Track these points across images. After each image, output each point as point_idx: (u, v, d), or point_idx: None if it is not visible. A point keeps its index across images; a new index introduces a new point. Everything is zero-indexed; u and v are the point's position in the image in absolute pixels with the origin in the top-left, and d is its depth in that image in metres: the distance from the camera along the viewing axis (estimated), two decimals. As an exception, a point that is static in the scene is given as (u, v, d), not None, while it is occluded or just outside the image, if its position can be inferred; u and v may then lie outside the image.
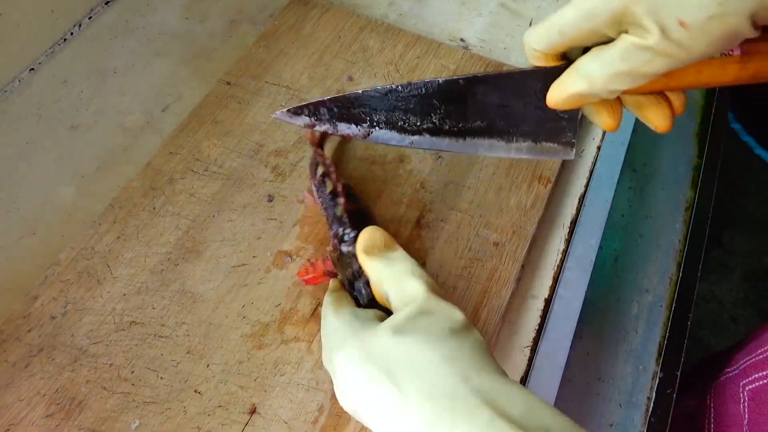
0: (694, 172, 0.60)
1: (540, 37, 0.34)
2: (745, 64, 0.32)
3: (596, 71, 0.32)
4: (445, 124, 0.41)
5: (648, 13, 0.29)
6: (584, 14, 0.31)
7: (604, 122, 0.37)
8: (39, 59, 0.59)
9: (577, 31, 0.32)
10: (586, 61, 0.33)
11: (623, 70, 0.31)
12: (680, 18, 0.28)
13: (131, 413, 0.40)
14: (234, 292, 0.45)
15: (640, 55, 0.30)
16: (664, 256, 0.55)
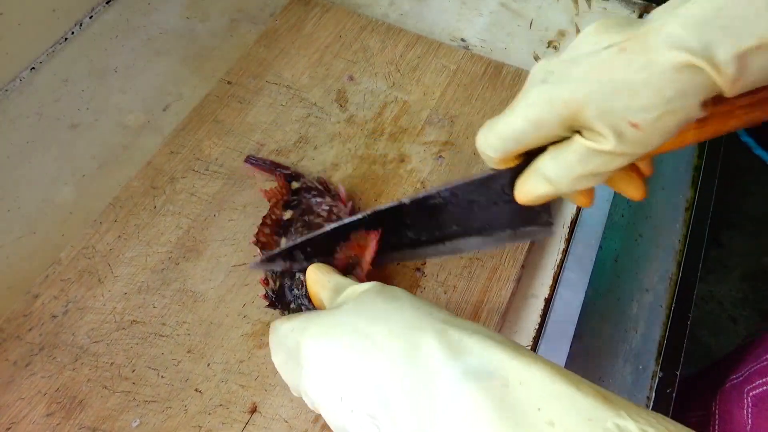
0: (694, 173, 0.60)
1: (495, 146, 0.34)
2: (702, 128, 0.32)
3: (557, 175, 0.32)
4: (423, 236, 0.42)
5: (598, 118, 0.29)
6: (533, 123, 0.31)
7: (578, 201, 0.37)
8: (40, 58, 0.59)
9: (530, 137, 0.32)
10: (545, 164, 0.33)
11: (584, 173, 0.31)
12: (631, 120, 0.28)
13: (132, 412, 0.40)
14: (234, 292, 0.45)
15: (598, 157, 0.30)
16: (664, 256, 0.55)
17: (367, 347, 0.29)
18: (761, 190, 1.59)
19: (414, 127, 0.54)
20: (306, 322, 0.33)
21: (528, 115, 0.31)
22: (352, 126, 0.54)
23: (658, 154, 0.34)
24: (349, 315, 0.32)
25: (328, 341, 0.31)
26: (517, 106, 0.32)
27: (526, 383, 0.25)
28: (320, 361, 0.31)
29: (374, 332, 0.30)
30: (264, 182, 0.50)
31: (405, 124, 0.54)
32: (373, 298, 0.33)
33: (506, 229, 0.41)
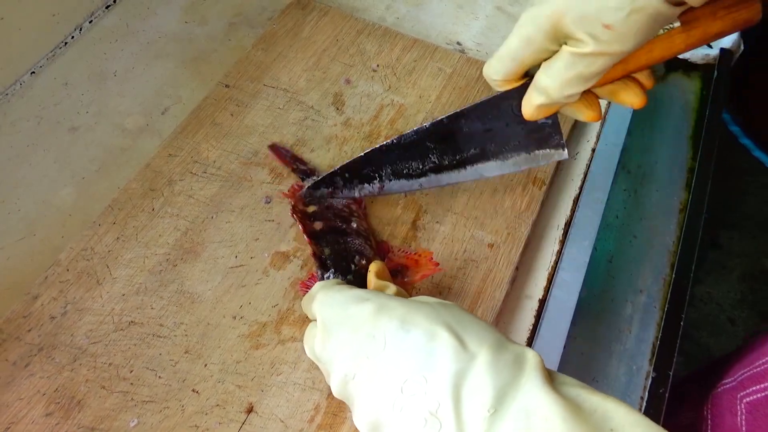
0: (688, 174, 0.60)
1: (496, 68, 0.39)
2: (689, 32, 0.35)
3: (549, 83, 0.37)
4: (444, 160, 0.46)
5: (574, 25, 0.33)
6: (525, 40, 0.36)
7: (585, 116, 0.40)
8: (40, 62, 0.60)
9: (524, 54, 0.37)
10: (540, 75, 0.37)
11: (570, 77, 0.35)
12: (603, 21, 0.32)
13: (130, 412, 0.40)
14: (232, 293, 0.46)
15: (581, 60, 0.34)
16: (658, 257, 0.56)
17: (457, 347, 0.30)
18: (759, 191, 1.59)
19: (410, 129, 0.54)
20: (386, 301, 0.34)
21: (519, 34, 0.36)
22: (348, 129, 0.55)
23: (653, 63, 0.37)
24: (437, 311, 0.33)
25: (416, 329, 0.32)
26: (513, 30, 0.37)
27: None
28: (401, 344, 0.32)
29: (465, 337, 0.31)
30: (261, 185, 0.51)
31: (401, 127, 0.55)
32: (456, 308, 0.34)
33: (521, 152, 0.44)
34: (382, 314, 0.32)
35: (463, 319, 0.32)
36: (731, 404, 0.55)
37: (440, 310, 0.32)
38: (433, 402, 0.28)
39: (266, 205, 0.50)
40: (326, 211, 0.48)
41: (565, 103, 0.38)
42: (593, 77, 0.35)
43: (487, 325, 0.32)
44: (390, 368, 0.30)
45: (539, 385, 0.27)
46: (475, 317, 0.33)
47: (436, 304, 0.33)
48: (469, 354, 0.29)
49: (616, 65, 0.36)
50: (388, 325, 0.31)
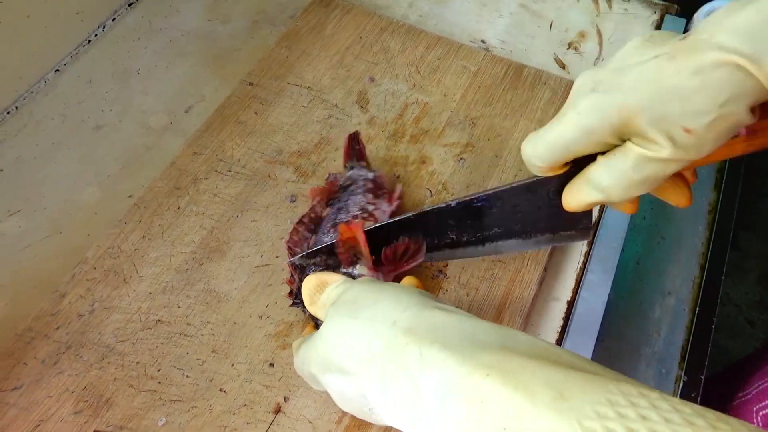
0: (717, 175, 0.59)
1: (543, 156, 0.35)
2: (752, 141, 0.33)
3: (610, 183, 0.33)
4: (464, 237, 0.43)
5: (651, 125, 0.29)
6: (585, 131, 0.32)
7: (625, 210, 0.38)
8: (64, 60, 0.60)
9: (580, 146, 0.33)
10: (598, 172, 0.33)
11: (637, 180, 0.31)
12: (684, 126, 0.28)
13: (158, 411, 0.40)
14: (258, 292, 0.45)
15: (652, 165, 0.30)
16: (686, 259, 0.55)
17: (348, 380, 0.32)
18: (778, 192, 1.57)
19: (435, 128, 0.54)
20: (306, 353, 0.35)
21: (580, 123, 0.32)
22: (373, 127, 0.54)
23: (707, 163, 0.34)
24: (322, 345, 0.34)
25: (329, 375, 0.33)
26: (567, 115, 0.32)
27: (486, 401, 0.25)
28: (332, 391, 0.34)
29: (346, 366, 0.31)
30: (285, 183, 0.51)
31: (426, 126, 0.54)
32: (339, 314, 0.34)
33: (546, 233, 0.42)
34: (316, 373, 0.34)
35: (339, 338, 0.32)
36: (748, 417, 0.55)
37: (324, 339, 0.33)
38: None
39: (291, 203, 0.50)
40: (335, 215, 0.45)
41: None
42: (660, 182, 0.32)
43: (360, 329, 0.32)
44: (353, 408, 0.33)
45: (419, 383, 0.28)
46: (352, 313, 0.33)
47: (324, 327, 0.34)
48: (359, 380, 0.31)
49: None
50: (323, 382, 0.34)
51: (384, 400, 0.29)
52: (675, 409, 0.22)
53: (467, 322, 0.30)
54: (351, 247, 0.41)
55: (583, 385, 0.24)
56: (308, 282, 0.38)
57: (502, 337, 0.28)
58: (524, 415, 0.24)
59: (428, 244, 0.43)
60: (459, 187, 0.51)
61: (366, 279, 0.36)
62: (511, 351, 0.27)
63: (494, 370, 0.25)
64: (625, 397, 0.23)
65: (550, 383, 0.24)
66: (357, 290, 0.34)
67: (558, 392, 0.23)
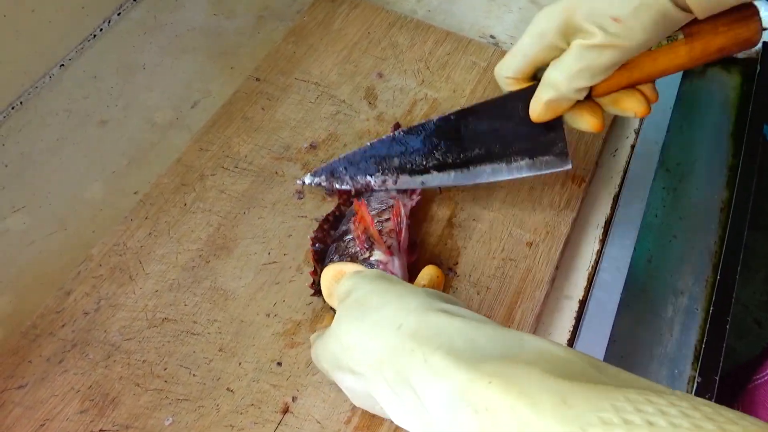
0: (729, 173, 0.58)
1: (508, 65, 0.41)
2: (692, 44, 0.37)
3: (558, 76, 0.38)
4: (449, 158, 0.46)
5: (585, 18, 0.35)
6: (537, 35, 0.38)
7: (588, 123, 0.41)
8: (69, 55, 0.60)
9: (535, 50, 0.38)
10: (549, 71, 0.39)
11: (579, 68, 0.37)
12: (612, 15, 0.34)
13: (164, 410, 0.40)
14: (265, 290, 0.45)
15: (590, 52, 0.36)
16: (699, 258, 0.54)
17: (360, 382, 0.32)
18: (787, 190, 1.55)
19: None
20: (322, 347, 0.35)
21: (533, 30, 0.38)
22: (381, 123, 0.53)
23: (657, 75, 0.38)
24: (332, 344, 0.34)
25: (339, 372, 0.34)
26: (527, 29, 0.39)
27: (492, 409, 0.25)
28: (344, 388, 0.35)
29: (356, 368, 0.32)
30: (293, 180, 0.50)
31: (435, 122, 0.53)
32: (348, 312, 0.34)
33: (524, 157, 0.44)
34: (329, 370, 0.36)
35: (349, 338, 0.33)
36: (763, 399, 0.54)
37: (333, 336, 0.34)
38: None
39: (299, 200, 0.49)
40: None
41: (573, 98, 0.39)
42: (601, 71, 0.36)
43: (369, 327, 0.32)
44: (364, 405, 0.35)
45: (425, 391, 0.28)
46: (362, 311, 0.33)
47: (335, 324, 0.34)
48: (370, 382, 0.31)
49: (620, 72, 0.37)
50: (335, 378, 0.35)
51: (393, 404, 0.30)
52: (684, 414, 0.21)
53: (471, 327, 0.29)
54: (364, 229, 0.43)
55: (587, 393, 0.23)
56: (326, 273, 0.39)
57: (506, 341, 0.28)
58: (529, 424, 0.23)
59: (415, 167, 0.46)
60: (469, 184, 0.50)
61: (376, 275, 0.36)
62: (514, 358, 0.27)
63: (496, 378, 0.25)
64: (631, 403, 0.22)
65: (552, 390, 0.24)
66: (365, 290, 0.34)
67: (561, 399, 0.23)
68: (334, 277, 0.38)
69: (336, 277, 0.38)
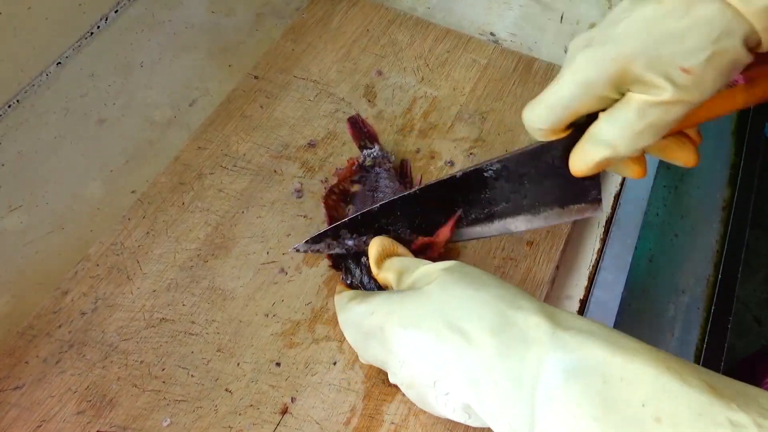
0: (731, 171, 0.58)
1: (543, 117, 0.34)
2: (752, 90, 0.33)
3: (616, 136, 0.32)
4: (471, 215, 0.42)
5: (648, 69, 0.29)
6: (583, 86, 0.32)
7: (632, 172, 0.37)
8: (66, 53, 0.59)
9: (579, 102, 0.32)
10: (603, 128, 0.33)
11: (643, 128, 0.31)
12: (681, 65, 0.29)
13: (162, 411, 0.39)
14: (264, 290, 0.44)
15: (656, 109, 0.30)
16: (700, 257, 0.54)
17: (461, 343, 0.30)
18: (788, 188, 1.55)
19: (444, 123, 0.53)
20: (388, 307, 0.34)
21: (576, 79, 0.32)
22: (381, 122, 0.53)
23: (709, 119, 0.35)
24: (436, 303, 0.32)
25: (419, 333, 0.32)
26: (564, 73, 0.32)
27: (628, 379, 0.25)
28: (412, 350, 0.32)
29: (467, 327, 0.31)
30: (292, 179, 0.50)
31: (435, 120, 0.53)
32: (458, 281, 0.33)
33: (555, 207, 0.41)
34: (387, 328, 0.34)
35: (462, 301, 0.32)
36: None
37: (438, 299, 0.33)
38: (459, 398, 0.31)
39: (297, 199, 0.49)
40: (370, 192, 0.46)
41: (630, 157, 0.34)
42: (667, 128, 0.31)
43: (487, 298, 0.32)
44: (415, 377, 0.33)
45: (545, 357, 0.28)
46: (474, 283, 0.33)
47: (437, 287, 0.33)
48: (474, 346, 0.30)
49: None
50: (396, 339, 0.33)
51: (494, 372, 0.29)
52: None
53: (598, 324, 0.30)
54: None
55: (732, 384, 0.24)
56: (379, 243, 0.38)
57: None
58: (672, 393, 0.24)
59: (435, 225, 0.42)
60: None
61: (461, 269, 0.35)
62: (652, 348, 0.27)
63: (639, 355, 0.26)
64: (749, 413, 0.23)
65: (698, 373, 0.24)
66: (465, 270, 0.34)
67: (708, 384, 0.24)
68: (385, 253, 0.38)
69: (388, 253, 0.38)
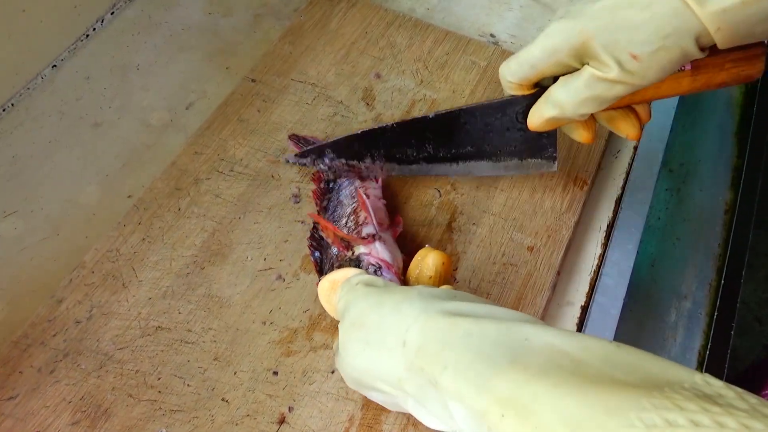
0: (733, 173, 0.58)
1: (514, 70, 0.39)
2: (696, 77, 0.37)
3: (565, 99, 0.37)
4: (439, 152, 0.46)
5: (603, 48, 0.34)
6: (549, 50, 0.36)
7: (580, 136, 0.41)
8: (61, 55, 0.58)
9: (544, 64, 0.37)
10: (556, 89, 0.38)
11: (588, 96, 0.36)
12: (632, 52, 0.33)
13: (158, 421, 0.39)
14: (261, 297, 0.44)
15: (602, 84, 0.35)
16: (703, 261, 0.53)
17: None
18: (790, 187, 1.54)
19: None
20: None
21: (545, 44, 0.36)
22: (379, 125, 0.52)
23: (656, 99, 0.39)
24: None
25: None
26: (538, 37, 0.37)
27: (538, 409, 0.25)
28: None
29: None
30: (289, 184, 0.49)
31: (434, 124, 0.52)
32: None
33: (514, 158, 0.45)
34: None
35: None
36: None
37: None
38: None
39: (295, 204, 0.48)
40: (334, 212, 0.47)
41: (574, 120, 0.39)
42: (608, 102, 0.36)
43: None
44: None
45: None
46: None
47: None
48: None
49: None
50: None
51: (424, 415, 0.31)
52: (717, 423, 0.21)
53: (473, 330, 0.29)
54: (334, 235, 0.44)
55: (601, 419, 0.23)
56: (322, 288, 0.39)
57: (512, 343, 0.28)
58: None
59: (404, 157, 0.47)
60: (468, 187, 0.49)
61: (365, 287, 0.35)
62: (523, 370, 0.26)
63: (509, 409, 0.25)
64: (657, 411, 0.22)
65: (568, 420, 0.23)
66: (360, 308, 0.34)
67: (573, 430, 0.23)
68: (331, 289, 0.37)
69: (333, 288, 0.37)
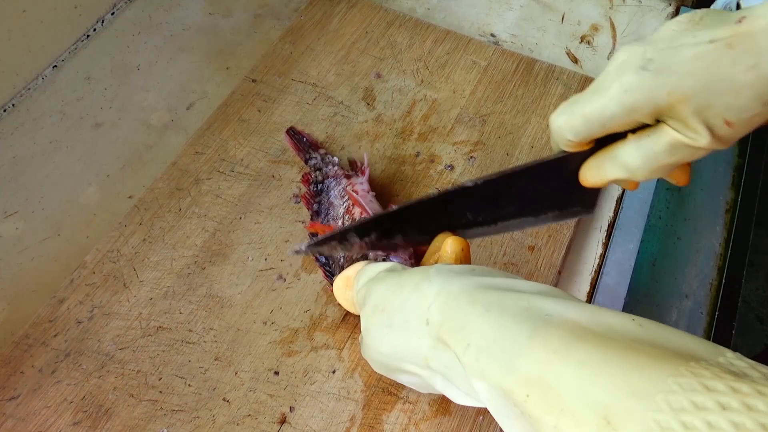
0: (734, 173, 0.57)
1: (578, 129, 0.32)
2: None
3: (639, 164, 0.32)
4: (479, 217, 0.40)
5: (695, 114, 0.28)
6: (627, 109, 0.30)
7: (630, 186, 0.37)
8: (62, 56, 0.58)
9: (618, 124, 0.31)
10: (627, 151, 0.32)
11: (668, 162, 0.31)
12: (727, 119, 0.28)
13: (159, 421, 0.39)
14: (262, 297, 0.44)
15: (686, 150, 0.30)
16: (704, 260, 0.53)
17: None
18: (790, 186, 1.54)
19: (444, 126, 0.52)
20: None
21: (624, 100, 0.30)
22: (380, 125, 0.52)
23: None
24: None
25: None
26: (611, 89, 0.30)
27: (534, 418, 0.25)
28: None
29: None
30: (290, 183, 0.49)
31: (434, 123, 0.52)
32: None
33: (554, 210, 0.40)
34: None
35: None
36: None
37: None
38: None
39: (296, 204, 0.48)
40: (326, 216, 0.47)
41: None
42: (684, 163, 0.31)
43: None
44: None
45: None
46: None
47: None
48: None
49: None
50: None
51: (454, 392, 0.31)
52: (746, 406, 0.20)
53: (494, 305, 0.28)
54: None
55: (628, 403, 0.22)
56: (337, 286, 0.39)
57: (533, 319, 0.27)
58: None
59: (441, 228, 0.40)
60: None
61: (384, 271, 0.35)
62: (544, 348, 0.25)
63: (533, 389, 0.25)
64: (684, 393, 0.21)
65: (594, 404, 0.23)
66: (379, 292, 0.34)
67: (603, 418, 0.22)
68: (345, 286, 0.38)
69: (347, 285, 0.38)
